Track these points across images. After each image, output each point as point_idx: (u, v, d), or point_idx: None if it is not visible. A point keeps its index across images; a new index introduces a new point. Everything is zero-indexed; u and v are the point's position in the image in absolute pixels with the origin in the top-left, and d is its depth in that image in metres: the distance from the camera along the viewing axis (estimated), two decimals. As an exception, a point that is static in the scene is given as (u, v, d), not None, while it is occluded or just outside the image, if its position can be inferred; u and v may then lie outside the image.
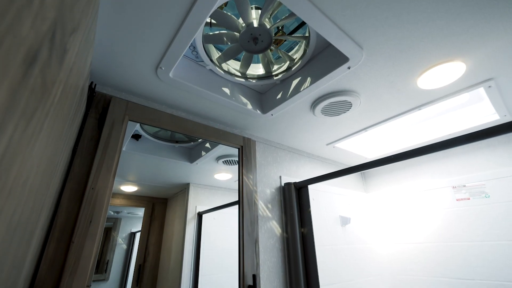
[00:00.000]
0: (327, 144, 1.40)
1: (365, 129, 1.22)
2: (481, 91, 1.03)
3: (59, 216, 0.63)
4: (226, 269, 0.97)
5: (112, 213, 0.79)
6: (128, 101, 0.83)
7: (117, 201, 0.81)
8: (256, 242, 0.99)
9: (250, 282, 0.90)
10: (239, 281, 0.90)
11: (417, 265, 1.45)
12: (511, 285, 1.14)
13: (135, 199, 0.87)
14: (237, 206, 1.04)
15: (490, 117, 1.17)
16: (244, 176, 1.08)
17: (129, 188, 0.86)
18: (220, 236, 1.02)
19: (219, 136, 1.07)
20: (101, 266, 0.72)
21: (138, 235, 0.83)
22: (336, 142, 1.36)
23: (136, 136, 1.02)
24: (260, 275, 0.98)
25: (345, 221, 1.46)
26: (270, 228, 1.11)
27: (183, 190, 1.05)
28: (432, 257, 1.40)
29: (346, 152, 1.54)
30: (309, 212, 1.14)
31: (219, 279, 0.94)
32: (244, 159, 1.11)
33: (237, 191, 1.07)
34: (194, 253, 0.93)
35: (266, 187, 1.19)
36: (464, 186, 1.38)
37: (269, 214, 1.14)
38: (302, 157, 1.48)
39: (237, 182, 1.09)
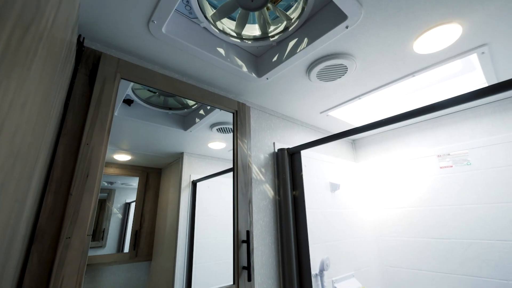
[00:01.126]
0: (321, 113, 1.41)
1: (358, 96, 1.23)
2: (473, 59, 1.04)
3: (55, 169, 0.63)
4: (220, 234, 1.00)
5: (106, 184, 0.78)
6: (119, 58, 0.80)
7: (111, 170, 0.80)
8: (250, 202, 1.04)
9: (244, 238, 0.95)
10: (233, 236, 0.95)
11: (398, 227, 1.56)
12: (480, 242, 1.25)
13: (129, 169, 0.86)
14: (231, 175, 1.06)
15: (480, 86, 1.20)
16: (238, 140, 1.09)
17: (122, 157, 0.85)
18: (214, 204, 1.03)
19: (214, 99, 1.06)
20: (98, 235, 0.73)
21: (133, 205, 0.84)
22: (330, 110, 1.37)
23: (128, 101, 0.99)
24: (253, 232, 1.04)
25: (334, 187, 1.52)
26: (263, 191, 1.15)
27: (177, 159, 1.05)
28: (413, 220, 1.50)
29: (339, 121, 1.56)
30: (301, 176, 1.19)
31: (213, 243, 0.98)
32: (239, 124, 1.11)
33: (231, 161, 1.07)
34: (189, 219, 0.95)
35: (260, 152, 1.21)
36: (449, 154, 1.45)
37: (263, 178, 1.17)
38: (296, 125, 1.50)
39: (231, 152, 1.10)
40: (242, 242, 0.94)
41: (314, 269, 1.21)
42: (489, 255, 1.22)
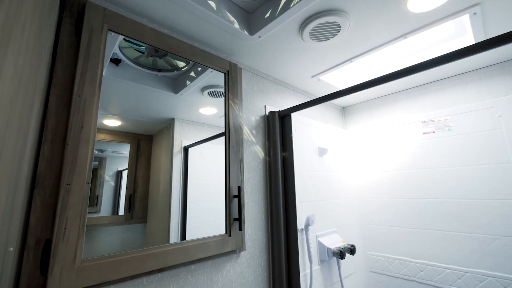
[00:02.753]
0: (312, 77, 1.42)
1: (350, 59, 1.24)
2: (465, 21, 1.04)
3: (48, 119, 0.64)
4: (212, 197, 1.02)
5: (97, 152, 0.77)
6: (106, 8, 0.77)
7: (101, 136, 0.79)
8: (241, 162, 1.08)
9: (236, 193, 1.01)
10: (225, 192, 1.01)
11: (379, 189, 1.67)
12: (451, 201, 1.37)
13: (120, 135, 0.85)
14: (222, 142, 1.07)
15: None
16: (230, 101, 1.10)
17: (112, 123, 0.84)
18: (205, 169, 1.04)
19: (205, 58, 1.04)
20: (92, 201, 0.74)
21: (125, 173, 0.84)
22: (321, 74, 1.38)
23: (116, 61, 0.96)
24: (244, 189, 1.10)
25: (322, 151, 1.59)
26: (254, 151, 1.19)
27: (168, 126, 1.04)
28: (393, 183, 1.61)
29: (330, 86, 1.57)
30: (291, 138, 1.23)
31: (206, 205, 1.01)
32: (230, 84, 1.11)
33: (223, 128, 1.08)
34: (182, 184, 0.97)
35: (251, 115, 1.23)
36: (432, 121, 1.51)
37: (254, 139, 1.21)
38: (287, 89, 1.51)
39: (223, 118, 1.10)
40: (234, 196, 1.00)
41: (300, 224, 1.31)
42: (457, 212, 1.35)
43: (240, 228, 0.96)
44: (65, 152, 0.64)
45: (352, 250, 1.40)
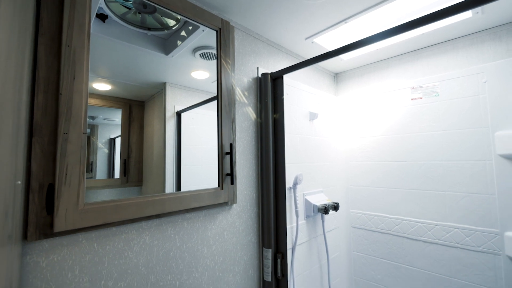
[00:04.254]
0: (306, 38, 1.40)
1: (345, 20, 1.22)
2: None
3: (39, 69, 0.64)
4: (205, 162, 1.05)
5: (88, 119, 0.76)
6: (88, -49, 0.72)
7: (92, 100, 0.77)
8: (233, 121, 1.11)
9: (228, 150, 1.06)
10: (218, 149, 1.06)
11: (365, 153, 1.76)
12: (430, 163, 1.46)
13: (111, 100, 0.84)
14: (215, 107, 1.07)
15: (463, 15, 1.21)
16: (222, 60, 1.09)
17: (102, 86, 0.83)
18: (199, 134, 1.06)
19: (197, 13, 1.01)
20: (86, 167, 0.74)
21: (118, 140, 0.85)
22: (315, 36, 1.36)
23: (102, 17, 0.92)
24: (236, 148, 1.15)
25: (313, 116, 1.62)
26: (246, 113, 1.22)
27: (160, 91, 1.03)
28: (379, 147, 1.69)
29: (324, 50, 1.56)
30: (282, 100, 1.25)
31: (199, 169, 1.04)
32: (222, 43, 1.10)
33: (216, 94, 1.08)
34: (175, 148, 0.99)
35: (243, 76, 1.23)
36: (421, 87, 1.54)
37: (246, 101, 1.23)
38: (280, 52, 1.49)
39: (215, 83, 1.09)
40: (226, 153, 1.05)
41: (289, 183, 1.40)
42: (434, 173, 1.45)
43: (232, 182, 1.03)
44: (59, 102, 0.65)
45: (335, 207, 1.52)
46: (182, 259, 0.91)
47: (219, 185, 1.03)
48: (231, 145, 1.05)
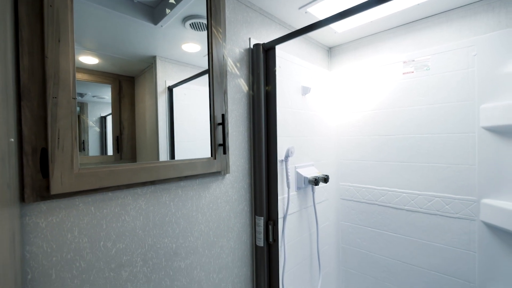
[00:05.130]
0: (300, 8, 1.36)
1: (339, -12, 1.18)
2: None
3: (22, 29, 0.62)
4: (198, 137, 1.06)
5: (77, 96, 0.74)
6: None
7: (79, 75, 0.75)
8: (225, 93, 1.11)
9: (220, 121, 1.07)
10: (210, 120, 1.06)
11: (356, 128, 1.79)
12: (417, 136, 1.51)
13: (99, 75, 0.81)
14: (207, 83, 1.06)
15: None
16: (213, 29, 1.07)
17: (89, 60, 0.79)
18: (191, 109, 1.05)
19: (185, -24, 0.97)
20: (79, 146, 0.73)
21: (109, 119, 0.83)
22: (309, 5, 1.32)
23: None
24: (228, 120, 1.15)
25: (305, 90, 1.63)
26: (238, 84, 1.21)
27: (150, 65, 0.99)
28: (369, 122, 1.72)
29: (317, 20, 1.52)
30: (274, 72, 1.24)
31: (193, 145, 1.04)
32: (213, 9, 1.06)
33: (207, 67, 1.06)
34: (168, 124, 0.98)
35: (235, 46, 1.21)
36: (413, 61, 1.55)
37: (237, 72, 1.22)
38: (273, 23, 1.45)
39: (206, 57, 1.06)
40: (218, 124, 1.06)
41: (280, 156, 1.43)
42: (421, 146, 1.50)
43: (225, 152, 1.05)
44: (45, 65, 0.64)
45: (325, 179, 1.57)
46: (178, 224, 0.95)
47: (212, 155, 1.05)
48: (223, 115, 1.06)
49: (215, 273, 1.09)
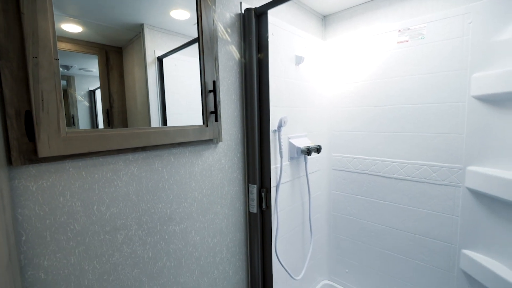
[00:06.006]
0: (293, -31, 1.29)
1: None
2: None
3: (-8, -19, 0.57)
4: (191, 108, 1.04)
5: (62, 69, 0.69)
6: None
7: (63, 45, 0.70)
8: (216, 59, 1.08)
9: (211, 88, 1.05)
10: (201, 87, 1.04)
11: (349, 99, 1.79)
12: (409, 106, 1.52)
13: (84, 45, 0.77)
14: (197, 54, 1.02)
15: None
16: (201, -11, 1.01)
17: (73, 28, 0.74)
18: (182, 80, 1.02)
19: None
20: (68, 121, 0.71)
21: (97, 92, 0.80)
22: (303, -35, 1.25)
23: None
24: (220, 88, 1.13)
25: (299, 60, 1.59)
26: (229, 51, 1.18)
27: (137, 34, 0.94)
28: (363, 92, 1.72)
29: (312, -15, 1.45)
30: (267, 38, 1.20)
31: (185, 117, 1.02)
32: (200, -32, 1.00)
33: (197, 36, 1.01)
34: (159, 95, 0.96)
35: (225, 10, 1.15)
36: (408, 29, 1.51)
37: (229, 39, 1.18)
38: (266, -14, 1.38)
39: (196, 26, 1.01)
40: (209, 91, 1.05)
41: (273, 126, 1.43)
42: (411, 115, 1.52)
43: (216, 120, 1.05)
44: (22, 23, 0.60)
45: (318, 149, 1.60)
46: (171, 190, 0.97)
47: (204, 123, 1.05)
48: (214, 82, 1.03)
49: (210, 238, 1.13)
